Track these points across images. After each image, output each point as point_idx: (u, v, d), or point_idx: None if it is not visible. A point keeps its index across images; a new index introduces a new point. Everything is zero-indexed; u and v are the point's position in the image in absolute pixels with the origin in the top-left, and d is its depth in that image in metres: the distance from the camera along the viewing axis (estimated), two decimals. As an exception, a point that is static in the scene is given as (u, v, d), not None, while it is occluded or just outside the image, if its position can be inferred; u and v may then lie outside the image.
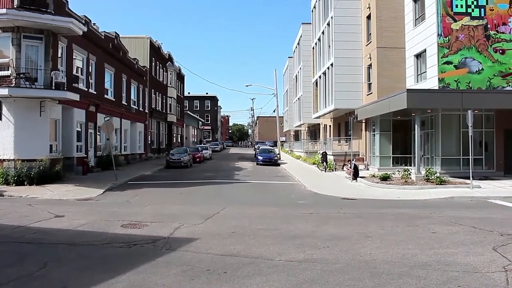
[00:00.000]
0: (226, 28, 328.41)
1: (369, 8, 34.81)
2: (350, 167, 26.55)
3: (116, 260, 8.55)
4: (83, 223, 12.39)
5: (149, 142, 49.82)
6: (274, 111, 68.19)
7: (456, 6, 26.21)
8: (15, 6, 22.13)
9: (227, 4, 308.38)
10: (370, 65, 35.10)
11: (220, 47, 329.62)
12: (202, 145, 64.04)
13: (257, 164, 43.44)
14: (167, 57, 60.56)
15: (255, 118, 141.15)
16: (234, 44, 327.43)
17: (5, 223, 12.29)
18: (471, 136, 21.39)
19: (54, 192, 19.87)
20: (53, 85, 22.91)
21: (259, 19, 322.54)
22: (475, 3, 26.32)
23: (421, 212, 14.65)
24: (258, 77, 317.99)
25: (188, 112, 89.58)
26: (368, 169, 31.55)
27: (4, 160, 22.20)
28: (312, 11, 51.37)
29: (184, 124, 77.10)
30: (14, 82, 22.07)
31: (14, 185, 21.39)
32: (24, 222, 12.43)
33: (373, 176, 25.72)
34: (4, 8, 21.73)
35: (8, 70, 22.26)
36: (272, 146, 64.94)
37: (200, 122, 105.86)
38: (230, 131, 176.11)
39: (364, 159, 34.15)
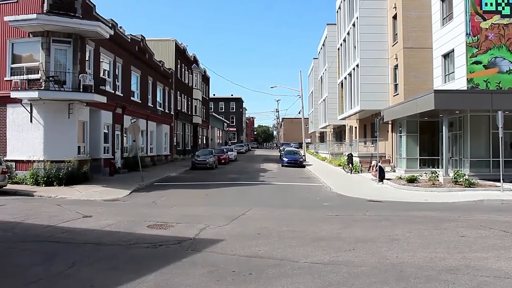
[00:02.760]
0: (251, 30, 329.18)
1: (395, 8, 34.46)
2: (375, 169, 26.32)
3: (142, 260, 8.62)
4: (110, 223, 12.55)
5: (175, 143, 50.17)
6: (299, 113, 68.18)
7: (486, 4, 25.68)
8: (44, 11, 22.60)
9: (252, 7, 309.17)
10: (397, 65, 34.75)
11: (245, 49, 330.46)
12: (227, 146, 64.24)
13: (282, 165, 43.40)
14: (192, 59, 60.91)
15: (280, 120, 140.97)
16: (259, 46, 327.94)
17: (36, 223, 12.53)
18: (501, 137, 20.96)
19: (82, 193, 20.18)
20: (81, 87, 23.30)
21: (284, 21, 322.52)
22: (505, 1, 25.72)
23: (449, 215, 14.40)
24: (283, 79, 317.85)
25: (213, 113, 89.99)
26: (394, 171, 31.24)
27: (34, 161, 22.66)
28: (337, 12, 51.09)
29: (209, 126, 77.48)
30: (43, 85, 22.52)
31: (43, 185, 21.85)
32: (53, 222, 12.65)
33: (400, 178, 25.45)
34: (34, 13, 22.20)
35: (38, 73, 22.75)
36: (297, 148, 64.69)
37: (225, 124, 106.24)
38: (255, 132, 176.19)
39: (391, 161, 33.81)
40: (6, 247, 9.71)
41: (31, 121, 23.03)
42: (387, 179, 25.71)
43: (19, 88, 22.55)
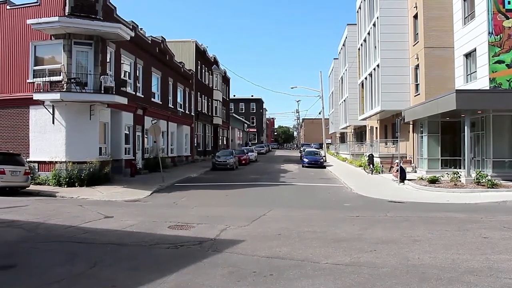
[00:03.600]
0: (271, 31, 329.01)
1: (416, 7, 34.16)
2: (396, 170, 26.10)
3: (163, 261, 8.68)
4: (131, 224, 12.66)
5: (195, 144, 50.40)
6: (319, 113, 67.83)
7: (509, 2, 25.18)
8: (66, 14, 22.93)
9: (272, 7, 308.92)
10: (418, 65, 34.43)
11: (265, 50, 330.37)
12: (248, 147, 64.29)
13: (303, 166, 43.30)
14: (212, 60, 61.14)
15: (301, 120, 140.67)
16: (279, 46, 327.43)
17: (58, 223, 12.69)
18: (524, 137, 20.59)
19: (104, 194, 20.38)
20: (102, 89, 23.54)
21: (304, 22, 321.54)
22: (528, -1, 25.29)
23: (471, 216, 14.21)
24: (303, 79, 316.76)
25: (234, 114, 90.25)
26: (416, 172, 30.92)
27: (56, 162, 22.96)
28: (357, 12, 50.85)
29: (230, 127, 77.69)
30: (65, 87, 22.81)
31: (65, 186, 22.14)
32: (75, 222, 12.79)
33: (421, 178, 25.16)
34: (56, 16, 22.52)
35: (60, 75, 23.06)
36: (318, 148, 64.49)
37: (246, 125, 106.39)
38: (275, 133, 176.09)
39: (412, 162, 33.49)
40: (29, 247, 9.86)
41: (53, 123, 23.34)
42: (408, 179, 25.47)
43: (42, 90, 22.89)
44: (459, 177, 23.17)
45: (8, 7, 24.77)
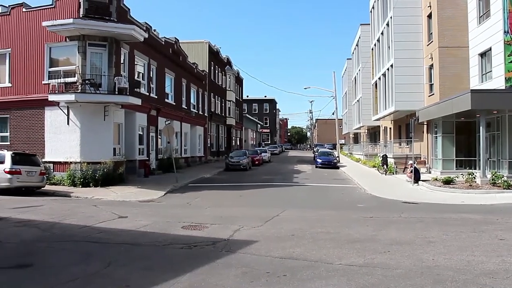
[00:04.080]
0: (284, 31, 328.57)
1: (430, 6, 33.91)
2: (410, 170, 25.92)
3: (177, 261, 8.71)
4: (145, 224, 12.72)
5: (209, 145, 50.50)
6: (333, 114, 67.57)
7: (525, 1, 24.97)
8: (80, 16, 23.14)
9: (285, 7, 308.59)
10: (432, 65, 34.17)
11: (278, 50, 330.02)
12: (261, 148, 64.31)
13: (316, 167, 43.21)
14: (225, 61, 61.25)
15: (314, 121, 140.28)
16: (292, 47, 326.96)
17: (73, 223, 12.80)
18: (541, 138, 20.33)
19: (118, 194, 20.50)
20: (116, 90, 23.68)
21: (317, 21, 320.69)
22: (545, -2, 24.95)
23: (487, 218, 14.05)
24: (317, 80, 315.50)
25: (247, 115, 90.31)
26: (430, 173, 30.71)
27: (71, 162, 23.15)
28: (371, 11, 50.61)
29: (243, 127, 77.73)
30: (80, 88, 23.00)
31: (80, 186, 22.32)
32: (89, 222, 12.89)
33: (436, 179, 24.98)
34: (71, 18, 22.72)
35: (75, 76, 23.25)
36: (331, 149, 64.34)
37: (259, 125, 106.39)
38: (288, 134, 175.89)
39: (426, 162, 33.25)
40: (45, 246, 9.96)
41: (68, 124, 23.54)
42: (422, 180, 25.29)
43: (57, 91, 23.10)
44: (474, 178, 22.96)
45: (23, 9, 25.06)
